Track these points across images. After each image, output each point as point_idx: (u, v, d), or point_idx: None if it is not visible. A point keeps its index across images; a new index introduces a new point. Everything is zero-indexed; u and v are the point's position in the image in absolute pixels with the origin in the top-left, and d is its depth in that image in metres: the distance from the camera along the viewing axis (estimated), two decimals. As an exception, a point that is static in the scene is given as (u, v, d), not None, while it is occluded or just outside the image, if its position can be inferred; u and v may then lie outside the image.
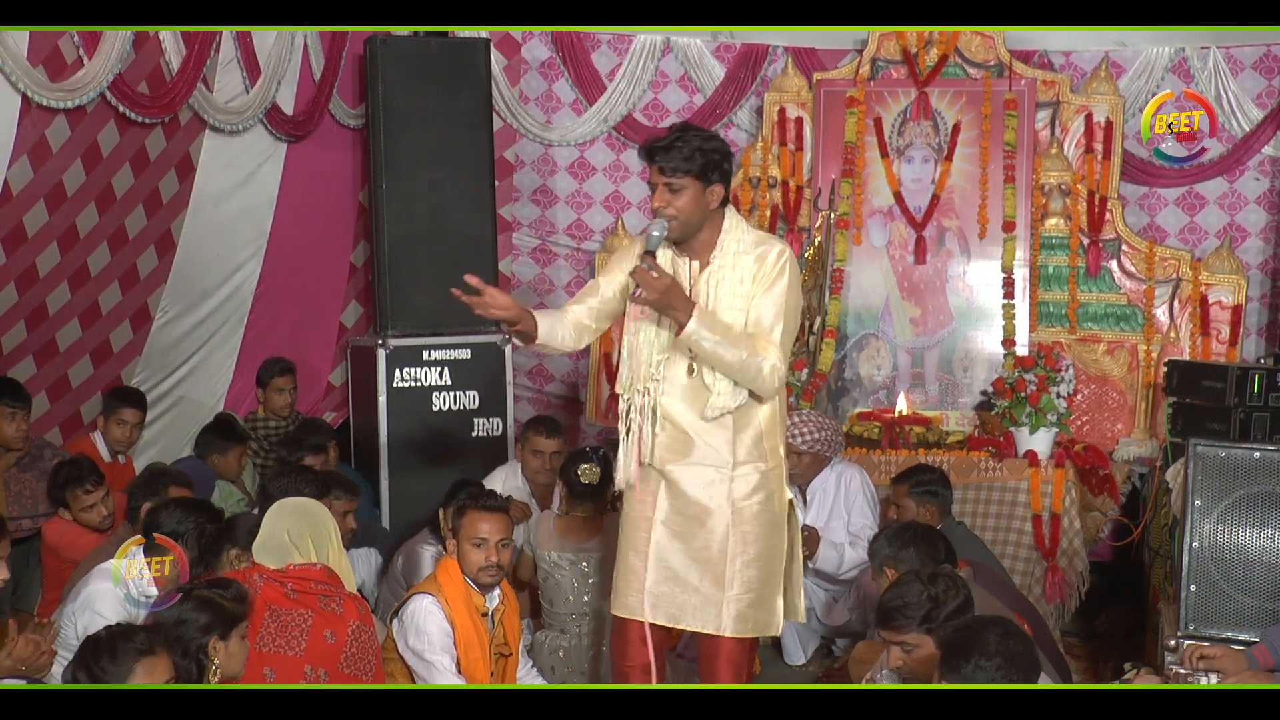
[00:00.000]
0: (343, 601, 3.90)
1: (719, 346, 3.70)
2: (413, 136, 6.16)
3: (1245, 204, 6.65)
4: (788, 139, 6.73)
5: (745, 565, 3.87)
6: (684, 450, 3.87)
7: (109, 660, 3.07)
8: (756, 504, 3.89)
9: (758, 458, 3.89)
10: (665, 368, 3.86)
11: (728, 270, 3.83)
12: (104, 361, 5.72)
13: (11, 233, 4.86)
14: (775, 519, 3.94)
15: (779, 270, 3.81)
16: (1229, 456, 4.05)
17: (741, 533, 3.87)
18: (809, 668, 5.51)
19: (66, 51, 4.65)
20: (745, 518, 3.87)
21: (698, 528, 3.88)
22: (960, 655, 3.16)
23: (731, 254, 3.83)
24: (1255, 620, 3.90)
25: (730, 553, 3.86)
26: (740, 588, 3.87)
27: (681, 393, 3.85)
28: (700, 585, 3.88)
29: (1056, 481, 5.60)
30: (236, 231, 6.00)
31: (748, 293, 3.80)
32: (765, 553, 3.91)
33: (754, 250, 3.83)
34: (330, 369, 6.87)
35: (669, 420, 3.87)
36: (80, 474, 4.90)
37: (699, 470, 3.87)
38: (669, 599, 3.90)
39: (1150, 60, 6.66)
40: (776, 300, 3.80)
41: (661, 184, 3.75)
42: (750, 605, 3.88)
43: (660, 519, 3.91)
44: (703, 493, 3.87)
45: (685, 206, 3.76)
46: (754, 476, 3.88)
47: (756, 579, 3.89)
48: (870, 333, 6.61)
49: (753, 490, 3.88)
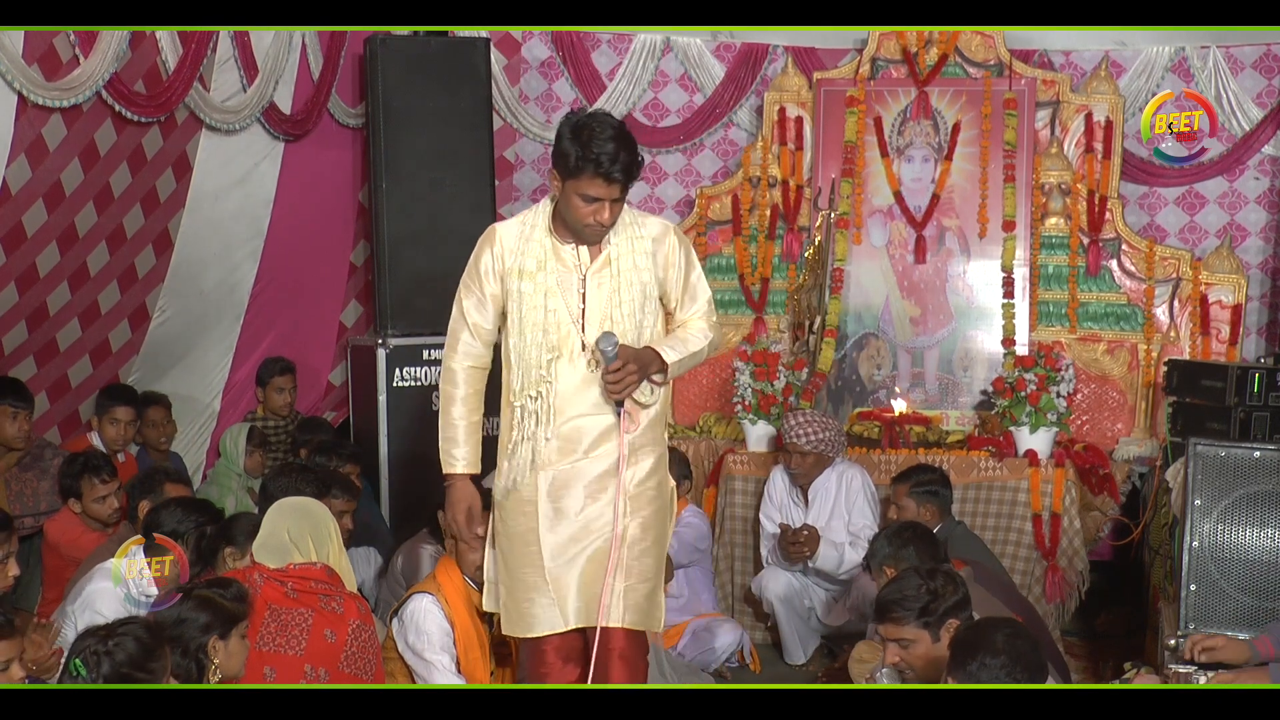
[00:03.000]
0: (343, 601, 3.90)
1: (686, 361, 3.70)
2: (413, 136, 6.16)
3: (1245, 203, 6.65)
4: (788, 138, 6.73)
5: (643, 553, 3.67)
6: (575, 448, 3.66)
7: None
8: (651, 489, 3.72)
9: (654, 440, 3.74)
10: (555, 366, 3.65)
11: (627, 257, 3.66)
12: (103, 361, 5.73)
13: (11, 232, 4.86)
14: (665, 505, 3.78)
15: (683, 248, 3.74)
16: (1229, 456, 4.04)
17: (640, 519, 3.67)
18: (809, 668, 5.51)
19: (62, 50, 4.64)
20: (641, 503, 3.68)
21: (589, 520, 3.66)
22: (967, 653, 3.17)
23: (629, 239, 3.67)
24: (1255, 619, 3.90)
25: (629, 538, 3.65)
26: (637, 576, 3.66)
27: (575, 389, 3.65)
28: (597, 579, 3.64)
29: (1056, 481, 5.59)
30: (233, 231, 5.99)
31: (649, 277, 3.66)
32: (659, 539, 3.75)
33: (645, 233, 3.69)
34: (330, 369, 6.86)
35: (562, 421, 3.65)
36: (97, 463, 4.95)
37: (587, 463, 3.66)
38: (570, 600, 3.65)
39: (1150, 60, 6.67)
40: (698, 279, 3.76)
41: (611, 201, 3.55)
42: (645, 596, 3.68)
43: (548, 524, 3.66)
44: (593, 485, 3.66)
45: (618, 212, 3.63)
46: (648, 460, 3.71)
47: (651, 568, 3.70)
48: (870, 332, 6.61)
49: (648, 474, 3.71)
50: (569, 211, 3.57)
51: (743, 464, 5.92)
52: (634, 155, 3.52)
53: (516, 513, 3.70)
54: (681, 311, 3.77)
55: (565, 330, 3.63)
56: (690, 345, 3.71)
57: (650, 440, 3.72)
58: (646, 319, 3.68)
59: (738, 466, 5.91)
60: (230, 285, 6.14)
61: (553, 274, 3.64)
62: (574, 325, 3.64)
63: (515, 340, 3.66)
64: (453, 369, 3.75)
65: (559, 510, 3.66)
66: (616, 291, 3.64)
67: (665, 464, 3.80)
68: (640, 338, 3.66)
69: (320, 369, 6.82)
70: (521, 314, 3.64)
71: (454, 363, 3.75)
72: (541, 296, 3.63)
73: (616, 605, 3.61)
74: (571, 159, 3.48)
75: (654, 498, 3.72)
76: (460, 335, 3.73)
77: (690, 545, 5.45)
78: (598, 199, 3.52)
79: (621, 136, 3.50)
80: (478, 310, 3.71)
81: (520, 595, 3.69)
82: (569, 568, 3.64)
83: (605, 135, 3.47)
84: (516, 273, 3.64)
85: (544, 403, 3.64)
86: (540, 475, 3.66)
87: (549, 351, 3.63)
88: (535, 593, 3.66)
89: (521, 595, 3.69)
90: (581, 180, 3.49)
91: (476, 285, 3.71)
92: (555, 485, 3.66)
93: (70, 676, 3.07)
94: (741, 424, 6.03)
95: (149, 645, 3.15)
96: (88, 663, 3.07)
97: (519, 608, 3.69)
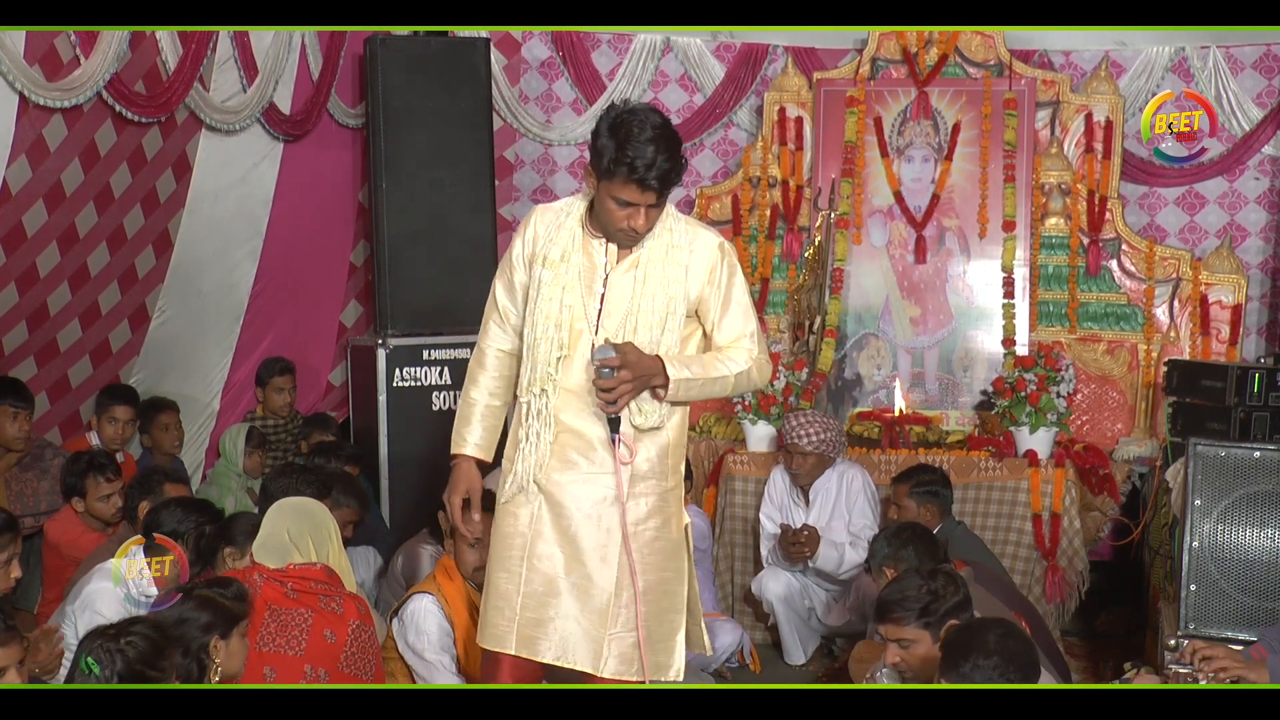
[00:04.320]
0: (343, 601, 3.90)
1: (702, 384, 3.38)
2: (413, 136, 6.16)
3: (1245, 203, 6.66)
4: (788, 139, 6.73)
5: (632, 600, 3.38)
6: (574, 461, 3.40)
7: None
8: (651, 529, 3.41)
9: (659, 474, 3.43)
10: (562, 367, 3.39)
11: (657, 264, 3.38)
12: (103, 361, 5.73)
13: (11, 232, 4.87)
14: (671, 546, 3.46)
15: (727, 272, 3.42)
16: (1229, 456, 4.05)
17: (632, 562, 3.38)
18: (809, 668, 5.52)
19: (63, 51, 4.65)
20: (637, 545, 3.38)
21: (580, 551, 3.40)
22: (959, 654, 3.17)
23: (664, 247, 3.39)
24: (1255, 620, 3.90)
25: (618, 584, 3.37)
26: (624, 625, 3.38)
27: (579, 397, 3.39)
28: (580, 617, 3.39)
29: (1056, 481, 5.59)
30: (233, 231, 5.99)
31: (677, 291, 3.38)
32: (658, 585, 3.43)
33: (687, 244, 3.41)
34: (330, 369, 6.86)
35: (562, 427, 3.40)
36: (102, 462, 4.96)
37: (588, 487, 3.39)
38: (545, 629, 3.40)
39: (1150, 60, 6.67)
40: (743, 305, 3.45)
41: (647, 207, 3.30)
42: (635, 645, 3.38)
43: (537, 538, 3.42)
44: (590, 511, 3.39)
45: (654, 218, 3.37)
46: (651, 497, 3.41)
47: (647, 615, 3.39)
48: (870, 332, 6.61)
49: (649, 514, 3.41)
50: (602, 212, 3.36)
51: (743, 464, 5.92)
52: (675, 160, 3.26)
53: (510, 516, 3.49)
54: (719, 335, 3.45)
55: (578, 329, 3.40)
56: (713, 369, 3.40)
57: (655, 473, 3.43)
58: (666, 336, 3.40)
59: (738, 466, 5.92)
60: (230, 285, 6.13)
61: (575, 267, 3.41)
62: (587, 324, 3.39)
63: (528, 331, 3.45)
64: (482, 349, 3.59)
65: (553, 529, 3.43)
66: (638, 298, 3.38)
67: (671, 503, 3.47)
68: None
69: (320, 369, 6.82)
70: (536, 304, 3.42)
71: (484, 343, 3.59)
72: (559, 289, 3.40)
73: (606, 651, 3.38)
74: (605, 159, 3.25)
75: (653, 539, 3.42)
76: (491, 319, 3.57)
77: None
78: (631, 204, 3.29)
79: (663, 139, 3.24)
80: (507, 295, 3.53)
81: (489, 600, 3.49)
82: (547, 599, 3.42)
83: (644, 137, 3.22)
84: (541, 260, 3.43)
85: (549, 401, 3.40)
86: (540, 484, 3.43)
87: (559, 348, 3.39)
88: (503, 602, 3.44)
89: (490, 600, 3.49)
90: (615, 183, 3.26)
91: (508, 270, 3.53)
92: (553, 500, 3.43)
93: (83, 675, 3.07)
94: (741, 424, 6.03)
95: (159, 644, 3.16)
96: (100, 661, 3.07)
97: (485, 613, 3.50)
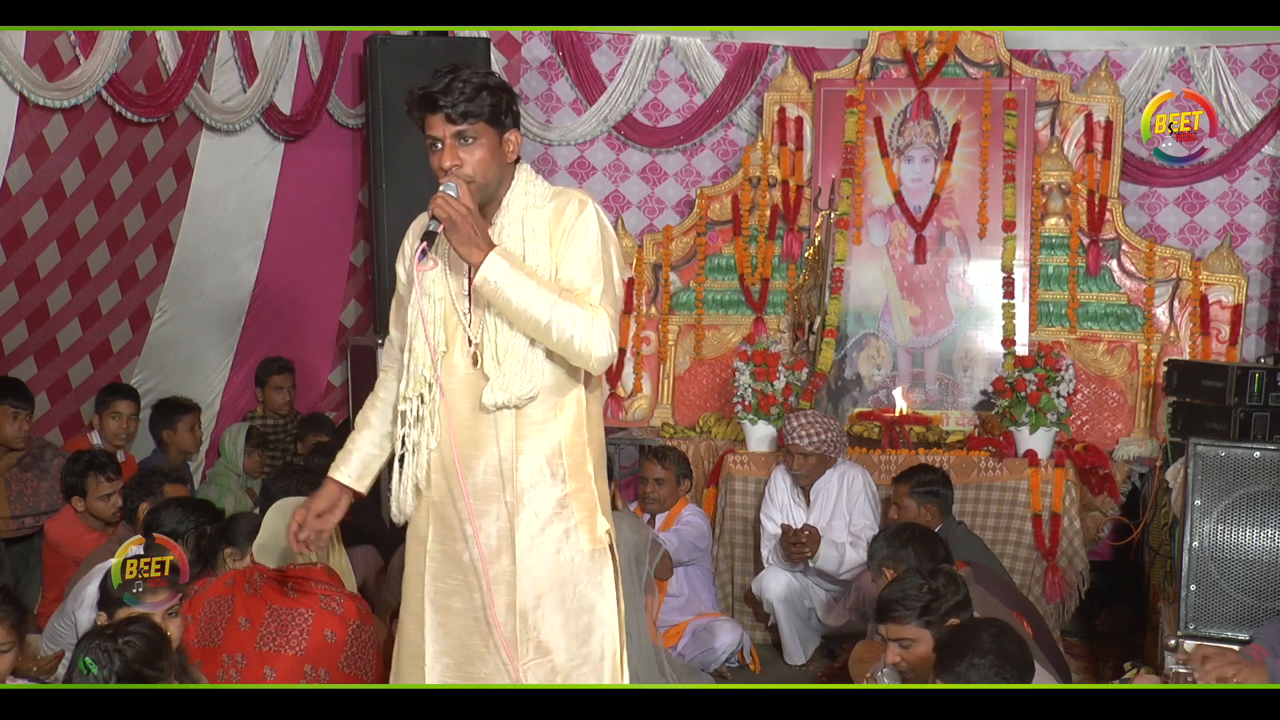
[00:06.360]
0: (343, 601, 3.90)
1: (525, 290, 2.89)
2: (413, 136, 6.06)
3: (1245, 203, 6.66)
4: (788, 139, 6.73)
5: (538, 623, 3.01)
6: (459, 470, 3.01)
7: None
8: (551, 541, 3.01)
9: (551, 478, 3.02)
10: (442, 364, 3.02)
11: (514, 228, 3.01)
12: (104, 361, 5.73)
13: (11, 232, 4.87)
14: (581, 559, 3.04)
15: (584, 223, 2.99)
16: (1229, 456, 4.04)
17: (531, 580, 3.00)
18: (809, 668, 5.52)
19: (63, 51, 4.65)
20: (535, 560, 3.00)
21: (473, 575, 3.03)
22: (954, 654, 3.17)
23: (519, 209, 3.02)
24: (1255, 620, 3.90)
25: (520, 606, 3.00)
26: (535, 652, 3.02)
27: (463, 389, 3.02)
28: (485, 651, 3.05)
29: (1056, 481, 5.59)
30: (233, 231, 6.00)
31: (542, 252, 2.98)
32: (563, 603, 3.03)
33: (547, 204, 3.03)
34: (330, 368, 6.87)
35: (444, 430, 3.03)
36: (103, 461, 4.99)
37: (475, 500, 3.02)
38: (459, 672, 3.09)
39: (1150, 60, 6.67)
40: (590, 257, 2.98)
41: (450, 136, 2.93)
42: (552, 673, 3.03)
43: (432, 570, 3.08)
44: (481, 526, 3.01)
45: (482, 161, 2.96)
46: (545, 505, 3.01)
47: (561, 640, 3.02)
48: (870, 332, 6.61)
49: (545, 524, 3.01)
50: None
51: (743, 464, 5.92)
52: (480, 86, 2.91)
53: (408, 546, 3.16)
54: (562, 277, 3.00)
55: (453, 321, 3.05)
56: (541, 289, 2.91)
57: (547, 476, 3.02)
58: None
59: (738, 467, 5.92)
60: (231, 285, 6.14)
61: (435, 259, 3.04)
62: (459, 315, 3.04)
63: (410, 337, 3.10)
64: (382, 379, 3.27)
65: (444, 552, 3.08)
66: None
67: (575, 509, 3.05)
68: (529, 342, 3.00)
69: (320, 369, 6.83)
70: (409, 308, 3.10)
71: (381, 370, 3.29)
72: (428, 282, 3.05)
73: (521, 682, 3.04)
74: (407, 107, 2.99)
75: (554, 553, 3.02)
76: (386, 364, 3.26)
77: (690, 544, 5.46)
78: (435, 138, 2.96)
79: (469, 72, 2.94)
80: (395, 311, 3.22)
81: (401, 649, 3.17)
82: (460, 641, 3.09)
83: (445, 70, 2.95)
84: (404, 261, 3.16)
85: (427, 405, 3.04)
86: (425, 505, 3.10)
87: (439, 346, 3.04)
88: (411, 648, 3.13)
89: (399, 646, 3.18)
90: (423, 123, 2.96)
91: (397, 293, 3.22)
92: (437, 515, 3.08)
93: (81, 675, 3.08)
94: (742, 424, 6.03)
95: (158, 644, 3.16)
96: (99, 661, 3.07)
97: (398, 665, 3.18)
